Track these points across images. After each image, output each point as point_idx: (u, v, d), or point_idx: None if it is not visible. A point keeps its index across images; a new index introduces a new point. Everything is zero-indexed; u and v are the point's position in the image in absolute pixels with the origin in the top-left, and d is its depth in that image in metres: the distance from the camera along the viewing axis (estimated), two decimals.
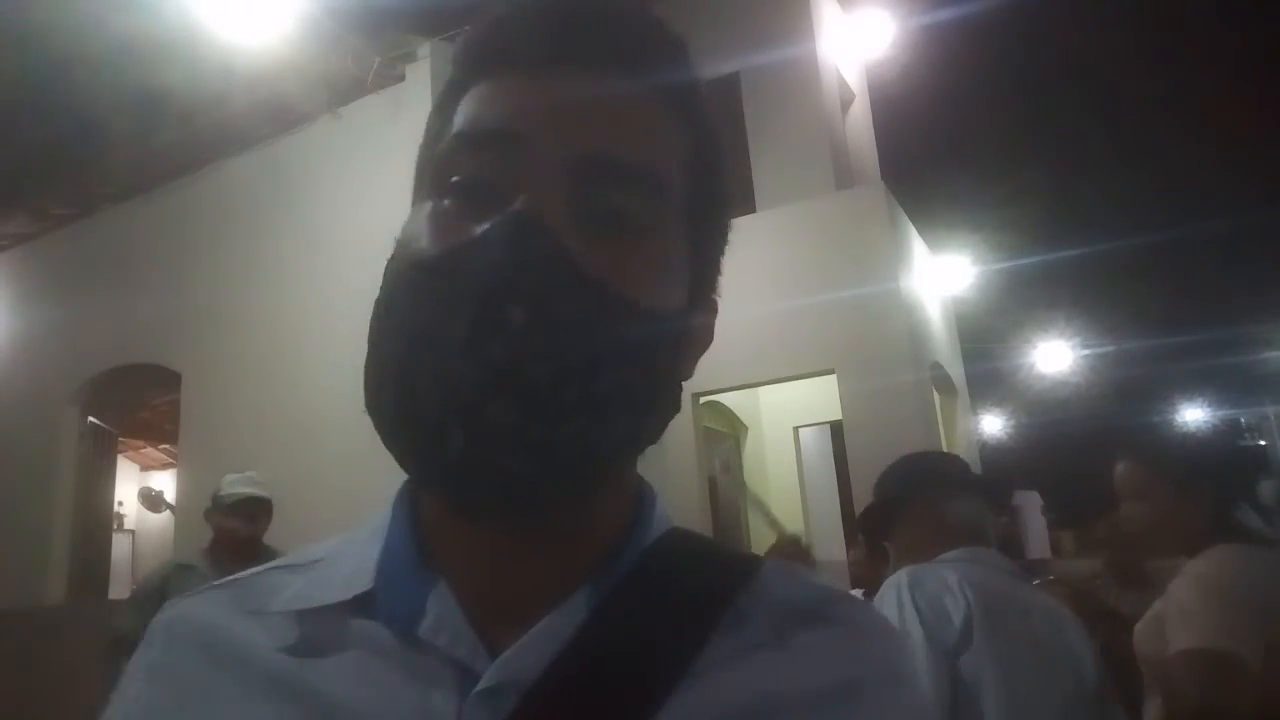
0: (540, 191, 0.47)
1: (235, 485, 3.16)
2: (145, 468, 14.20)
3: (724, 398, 8.57)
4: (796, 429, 9.70)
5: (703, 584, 0.54)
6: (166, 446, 12.61)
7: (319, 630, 0.50)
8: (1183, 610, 1.62)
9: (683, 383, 0.55)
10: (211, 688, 0.49)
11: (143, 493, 13.68)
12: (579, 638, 0.48)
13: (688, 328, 0.54)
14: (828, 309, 6.92)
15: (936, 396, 8.30)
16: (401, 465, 0.48)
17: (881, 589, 1.73)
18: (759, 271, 7.27)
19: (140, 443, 13.13)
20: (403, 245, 0.50)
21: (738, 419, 9.61)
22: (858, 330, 6.84)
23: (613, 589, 0.51)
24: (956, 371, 9.81)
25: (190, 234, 7.54)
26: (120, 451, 9.76)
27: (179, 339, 7.35)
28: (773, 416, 9.84)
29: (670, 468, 7.14)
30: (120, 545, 9.36)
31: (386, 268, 0.50)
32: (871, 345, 6.77)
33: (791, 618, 0.53)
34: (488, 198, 0.48)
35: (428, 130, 0.55)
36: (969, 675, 1.55)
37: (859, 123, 10.32)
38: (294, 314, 6.54)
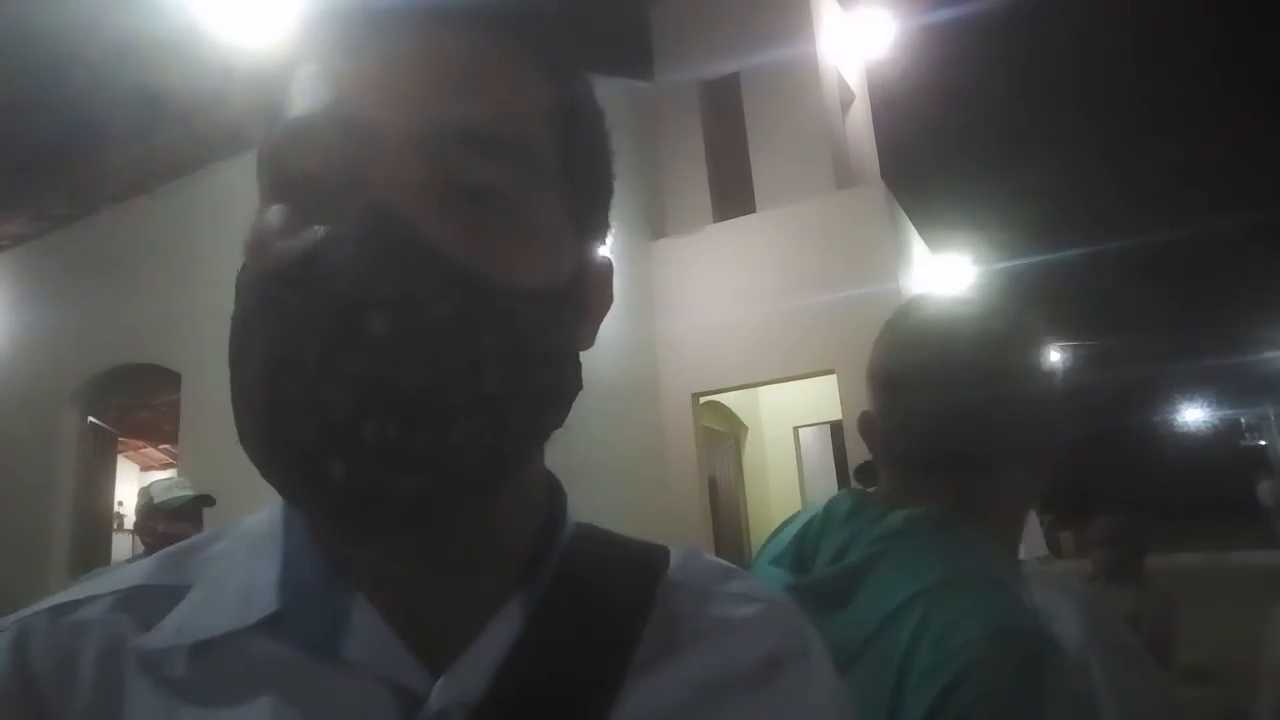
0: (390, 177, 0.41)
1: (173, 489, 3.09)
2: (145, 468, 14.18)
3: (724, 398, 8.58)
4: (796, 429, 9.71)
5: (624, 582, 0.52)
6: (166, 446, 12.61)
7: (217, 660, 0.44)
8: None
9: (580, 352, 0.50)
10: None
11: (141, 492, 13.67)
12: (518, 650, 0.45)
13: (579, 298, 0.49)
14: (828, 309, 6.92)
15: None
16: (284, 497, 0.43)
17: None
18: (759, 271, 7.27)
19: (140, 443, 13.12)
20: (249, 254, 0.44)
21: (738, 419, 9.62)
22: (858, 330, 6.80)
23: (542, 595, 0.48)
24: None
25: (190, 234, 7.53)
26: (120, 451, 9.75)
27: (179, 339, 7.34)
28: (773, 417, 9.85)
29: (670, 468, 7.14)
30: (120, 545, 9.35)
31: (237, 280, 0.45)
32: (872, 345, 6.77)
33: (709, 601, 0.53)
34: (336, 187, 0.42)
35: (262, 113, 0.48)
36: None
37: (859, 123, 10.32)
38: None
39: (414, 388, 0.38)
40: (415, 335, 0.38)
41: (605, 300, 0.54)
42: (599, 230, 0.52)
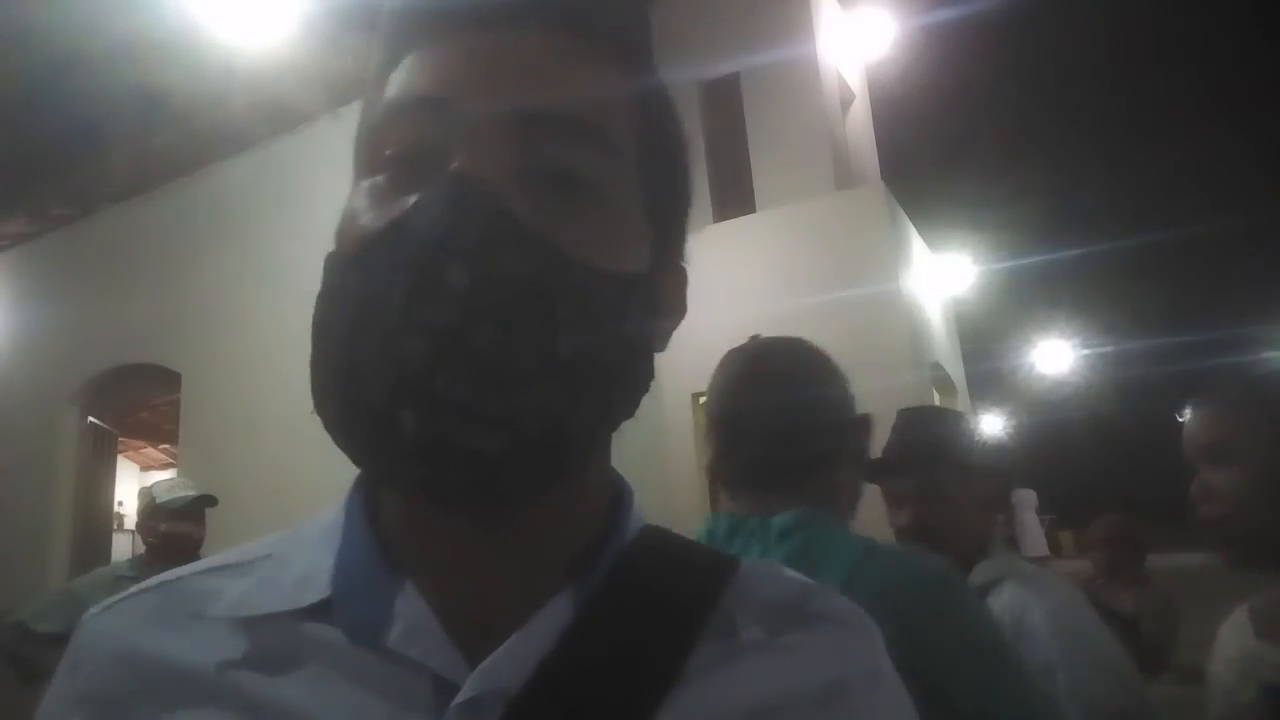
0: (478, 153, 0.43)
1: (176, 489, 3.07)
2: (145, 468, 14.18)
3: None
4: None
5: (686, 585, 0.51)
6: (166, 446, 12.61)
7: (269, 640, 0.45)
8: None
9: (654, 354, 0.51)
10: (148, 706, 0.44)
11: (143, 492, 13.66)
12: (563, 644, 0.45)
13: (653, 294, 0.50)
14: (827, 309, 6.91)
15: (936, 396, 8.29)
16: (353, 460, 0.44)
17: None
18: (758, 271, 7.26)
19: (140, 443, 13.11)
20: (341, 230, 0.47)
21: None
22: (857, 330, 6.83)
23: (595, 592, 0.48)
24: (956, 371, 9.81)
25: (190, 234, 7.53)
26: (120, 451, 9.75)
27: (179, 339, 7.34)
28: None
29: (670, 468, 7.14)
30: (120, 545, 9.35)
31: (326, 260, 0.46)
32: (871, 345, 6.76)
33: (775, 617, 0.51)
34: (424, 166, 0.44)
35: (363, 112, 0.51)
36: None
37: (859, 123, 10.32)
38: (294, 314, 6.48)
39: (489, 344, 0.39)
40: (493, 290, 0.39)
41: (680, 306, 0.56)
42: (676, 235, 0.54)
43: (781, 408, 1.16)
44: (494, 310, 0.39)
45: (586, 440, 0.45)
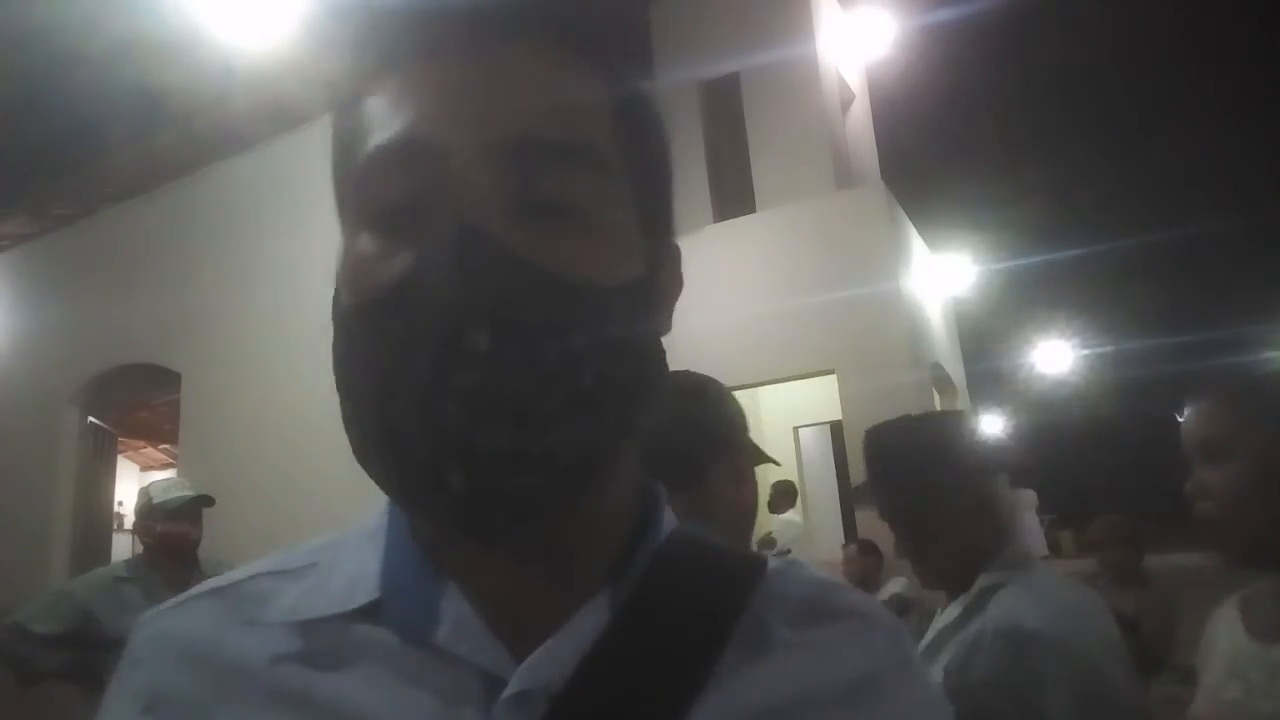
0: (470, 194, 0.43)
1: (173, 489, 3.04)
2: (145, 468, 14.19)
3: None
4: (796, 429, 9.70)
5: (717, 586, 0.52)
6: (166, 446, 12.62)
7: (323, 641, 0.47)
8: None
9: (663, 335, 0.53)
10: (210, 708, 0.46)
11: (140, 493, 13.65)
12: (602, 643, 0.47)
13: (655, 289, 0.51)
14: (828, 309, 6.92)
15: (936, 396, 8.30)
16: (406, 510, 0.46)
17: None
18: (759, 271, 7.27)
19: (140, 443, 13.13)
20: (345, 284, 0.47)
21: None
22: (858, 330, 6.83)
23: (631, 593, 0.49)
24: (956, 371, 9.81)
25: (190, 234, 7.54)
26: (120, 451, 9.76)
27: (179, 339, 7.35)
28: (773, 416, 9.83)
29: None
30: (120, 545, 9.35)
31: (333, 310, 0.47)
32: (872, 345, 6.77)
33: (802, 614, 0.53)
34: (420, 213, 0.44)
35: (335, 140, 0.51)
36: None
37: (859, 123, 10.32)
38: (293, 314, 6.53)
39: (520, 393, 0.41)
40: (515, 343, 0.41)
41: (676, 284, 0.56)
42: (666, 219, 0.54)
43: (672, 423, 1.15)
44: (518, 360, 0.41)
45: (613, 453, 0.47)
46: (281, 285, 6.72)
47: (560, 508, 0.44)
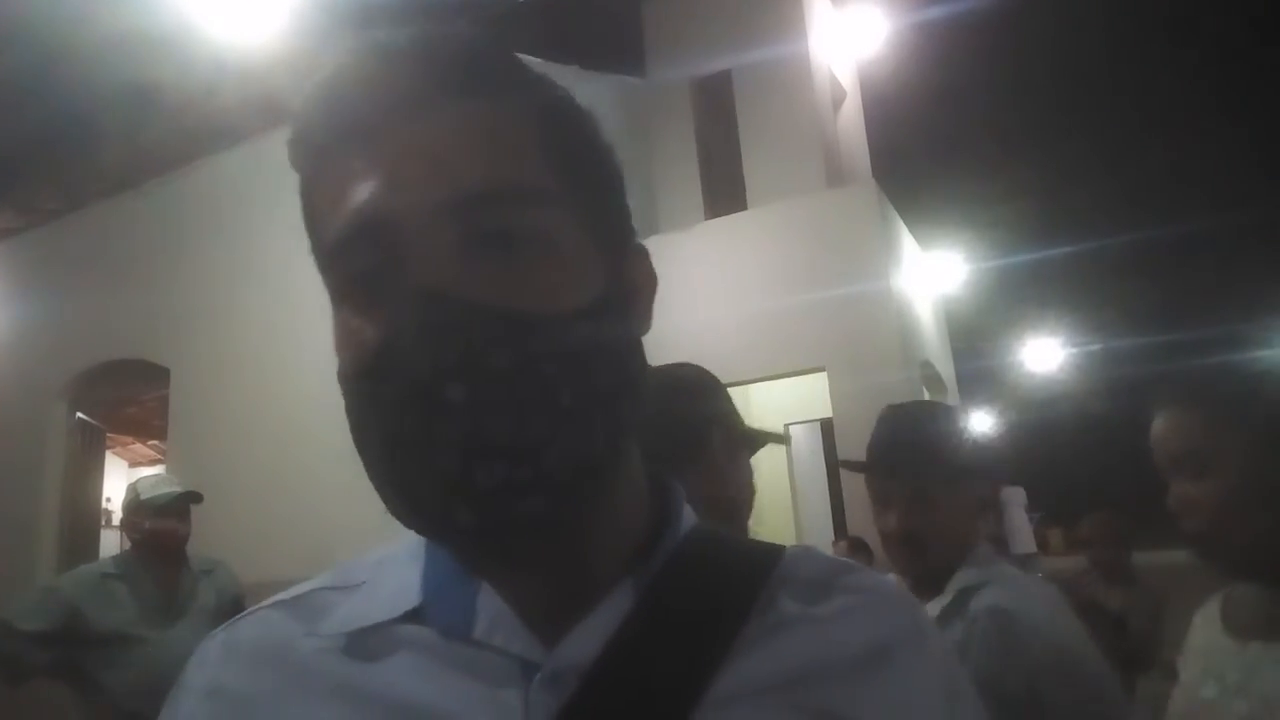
0: (426, 256, 0.47)
1: (161, 485, 3.01)
2: (133, 464, 14.12)
3: None
4: (787, 426, 9.71)
5: (735, 570, 0.57)
6: (155, 442, 12.56)
7: (375, 643, 0.53)
8: None
9: (642, 336, 0.56)
10: (275, 699, 0.51)
11: (128, 489, 13.58)
12: (628, 624, 0.51)
13: (622, 296, 0.55)
14: (818, 307, 6.93)
15: (926, 394, 8.32)
16: (432, 542, 0.54)
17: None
18: (749, 269, 7.28)
19: (128, 438, 13.06)
20: (338, 354, 0.52)
21: None
22: (848, 328, 6.84)
23: (653, 580, 0.54)
24: (946, 370, 9.84)
25: (180, 229, 7.51)
26: (108, 447, 9.71)
27: (168, 334, 7.32)
28: (763, 414, 9.84)
29: None
30: (109, 541, 9.31)
31: (338, 376, 0.52)
32: (862, 343, 6.78)
33: (813, 592, 0.57)
34: (385, 280, 0.48)
35: (304, 216, 0.54)
36: None
37: (850, 121, 10.33)
38: (283, 310, 6.51)
39: (504, 430, 0.45)
40: (490, 387, 0.45)
41: (648, 284, 0.59)
42: (620, 229, 0.57)
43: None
44: (496, 401, 0.45)
45: (609, 458, 0.50)
46: (271, 281, 6.69)
47: (569, 517, 0.49)
